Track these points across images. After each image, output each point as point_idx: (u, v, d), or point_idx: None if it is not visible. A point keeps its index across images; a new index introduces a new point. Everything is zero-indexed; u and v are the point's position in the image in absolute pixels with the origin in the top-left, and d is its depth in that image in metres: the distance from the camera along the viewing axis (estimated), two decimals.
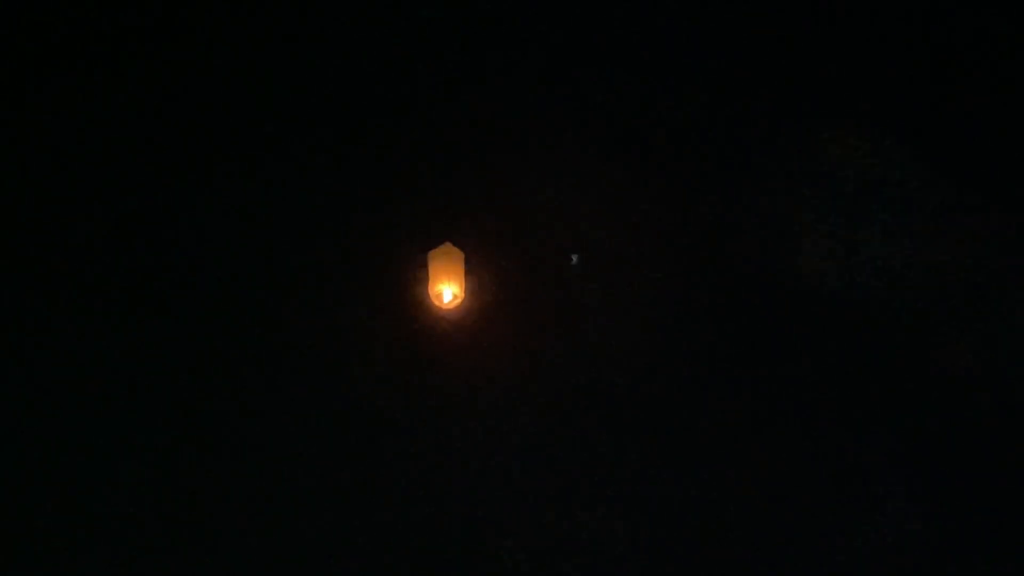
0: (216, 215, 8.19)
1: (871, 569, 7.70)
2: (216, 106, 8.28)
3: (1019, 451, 7.79)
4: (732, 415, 7.83)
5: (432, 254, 8.06)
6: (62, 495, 7.71)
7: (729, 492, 7.73)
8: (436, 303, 8.03)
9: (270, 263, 8.12)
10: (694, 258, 8.14)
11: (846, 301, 8.11)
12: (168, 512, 7.69)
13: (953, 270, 8.12)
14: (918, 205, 8.22)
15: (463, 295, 8.04)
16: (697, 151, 8.30)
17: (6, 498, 7.69)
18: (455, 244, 8.09)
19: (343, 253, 8.13)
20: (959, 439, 7.85)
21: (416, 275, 8.06)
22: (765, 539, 7.71)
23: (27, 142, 8.10)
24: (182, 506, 7.70)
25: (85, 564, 7.60)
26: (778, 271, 8.07)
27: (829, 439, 7.89)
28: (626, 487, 7.72)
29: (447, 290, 8.02)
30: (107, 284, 8.06)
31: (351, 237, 8.15)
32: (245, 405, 7.83)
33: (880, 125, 8.35)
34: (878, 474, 7.83)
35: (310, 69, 8.36)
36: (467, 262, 8.07)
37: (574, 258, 8.16)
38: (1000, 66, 8.28)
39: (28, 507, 7.69)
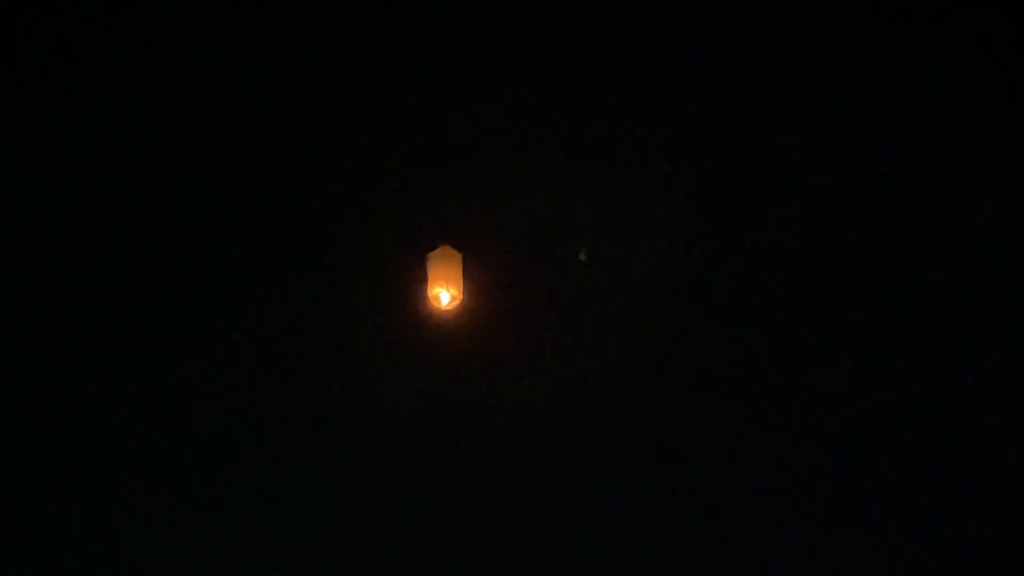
0: (211, 215, 8.17)
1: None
2: (212, 105, 8.24)
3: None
4: (738, 419, 7.82)
5: (430, 256, 8.04)
6: (58, 495, 7.71)
7: (735, 495, 7.72)
8: (434, 305, 8.02)
9: (266, 264, 8.10)
10: (698, 259, 8.14)
11: (860, 301, 8.10)
12: (164, 513, 7.68)
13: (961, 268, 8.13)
14: (927, 202, 8.23)
15: (461, 297, 8.04)
16: (700, 151, 8.29)
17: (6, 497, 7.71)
18: (453, 246, 8.07)
19: (340, 255, 8.11)
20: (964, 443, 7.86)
21: (414, 277, 8.04)
22: (768, 542, 7.71)
23: (26, 142, 8.11)
24: (178, 507, 7.69)
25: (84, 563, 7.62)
26: (786, 270, 8.07)
27: (845, 441, 7.88)
28: (629, 490, 7.71)
29: (445, 292, 8.02)
30: (103, 284, 8.05)
31: (348, 239, 8.14)
32: (240, 408, 7.82)
33: (879, 122, 8.35)
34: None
35: (306, 69, 8.32)
36: (465, 264, 8.05)
37: (582, 253, 8.13)
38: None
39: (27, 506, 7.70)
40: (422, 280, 8.04)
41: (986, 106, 8.34)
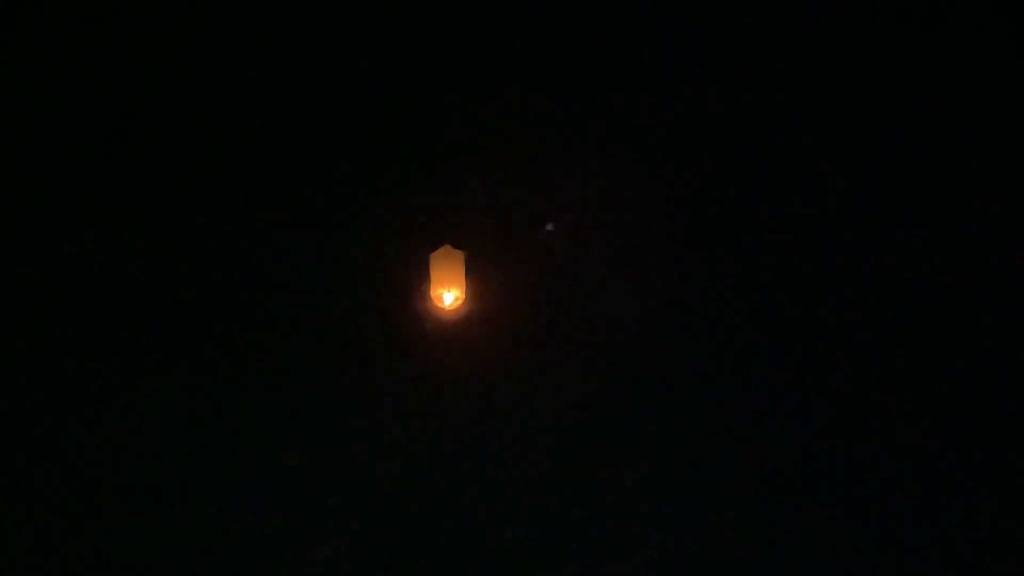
0: (212, 216, 8.14)
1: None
2: (213, 105, 8.26)
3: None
4: (741, 419, 7.80)
5: (433, 256, 8.02)
6: (58, 494, 7.66)
7: (738, 495, 7.70)
8: (437, 306, 8.00)
9: (267, 266, 8.07)
10: (703, 259, 8.14)
11: (845, 292, 8.10)
12: (163, 513, 7.62)
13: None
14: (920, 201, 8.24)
15: (464, 297, 8.02)
16: (703, 151, 8.33)
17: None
18: (455, 246, 8.05)
19: (341, 256, 8.09)
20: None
21: (416, 278, 8.02)
22: (768, 540, 7.67)
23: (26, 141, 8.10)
24: (177, 509, 7.63)
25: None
26: (787, 274, 8.08)
27: (837, 432, 7.84)
28: (632, 491, 7.68)
29: (448, 293, 8.00)
30: (99, 285, 8.00)
31: (349, 240, 8.11)
32: (241, 409, 7.77)
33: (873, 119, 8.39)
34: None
35: (307, 69, 8.34)
36: (468, 264, 8.03)
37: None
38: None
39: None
40: (424, 281, 8.01)
41: (985, 106, 8.39)
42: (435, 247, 8.05)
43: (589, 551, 7.59)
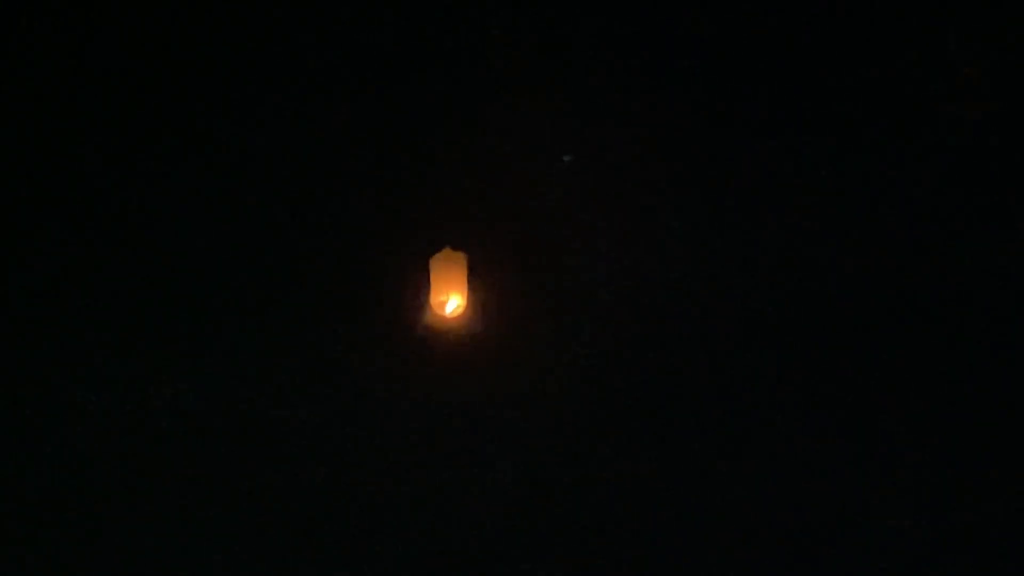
0: (205, 219, 8.07)
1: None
2: (209, 105, 8.22)
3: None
4: (754, 425, 7.79)
5: (433, 260, 7.96)
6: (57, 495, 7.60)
7: (743, 495, 7.69)
8: (438, 313, 7.94)
9: (260, 272, 7.99)
10: (716, 265, 8.11)
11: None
12: (161, 515, 7.57)
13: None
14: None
15: (466, 302, 7.96)
16: (709, 152, 8.31)
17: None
18: (457, 249, 7.98)
19: (334, 262, 8.01)
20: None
21: (416, 283, 7.96)
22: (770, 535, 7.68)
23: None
24: (175, 513, 7.59)
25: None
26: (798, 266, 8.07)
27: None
28: (638, 497, 7.67)
29: (450, 298, 7.94)
30: (94, 289, 7.93)
31: (343, 244, 8.04)
32: (234, 423, 7.70)
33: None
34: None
35: (304, 69, 8.32)
36: (470, 268, 7.98)
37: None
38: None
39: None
40: (424, 286, 7.92)
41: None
42: (435, 250, 7.96)
43: (592, 554, 7.59)
